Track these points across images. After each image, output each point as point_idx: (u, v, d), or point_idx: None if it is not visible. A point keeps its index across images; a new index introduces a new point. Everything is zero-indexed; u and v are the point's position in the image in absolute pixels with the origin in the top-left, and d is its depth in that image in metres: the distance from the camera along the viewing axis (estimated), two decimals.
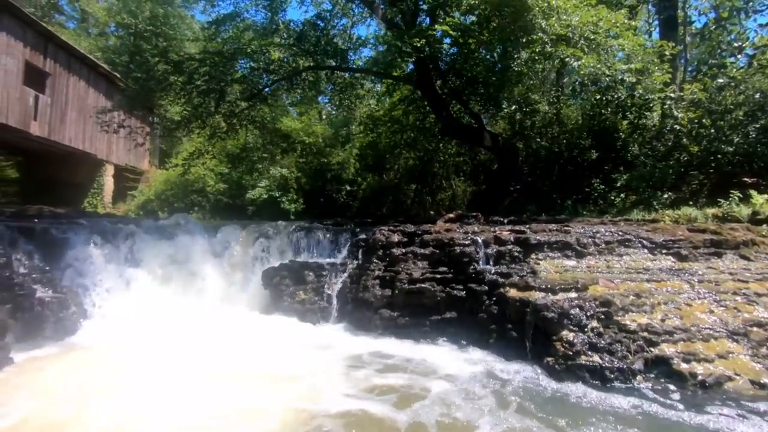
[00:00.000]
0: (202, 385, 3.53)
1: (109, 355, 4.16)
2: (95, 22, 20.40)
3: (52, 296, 4.69)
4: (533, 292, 4.48)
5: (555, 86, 13.40)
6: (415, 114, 13.12)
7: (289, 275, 5.84)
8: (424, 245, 5.48)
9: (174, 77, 10.32)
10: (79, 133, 14.77)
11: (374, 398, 3.38)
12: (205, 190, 14.58)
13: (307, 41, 11.11)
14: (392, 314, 5.05)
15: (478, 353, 4.43)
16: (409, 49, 8.73)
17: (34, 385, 3.40)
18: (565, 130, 12.35)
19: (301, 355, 4.36)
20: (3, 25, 11.80)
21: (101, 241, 6.04)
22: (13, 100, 12.25)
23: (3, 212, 6.53)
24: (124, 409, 3.05)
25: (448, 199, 14.82)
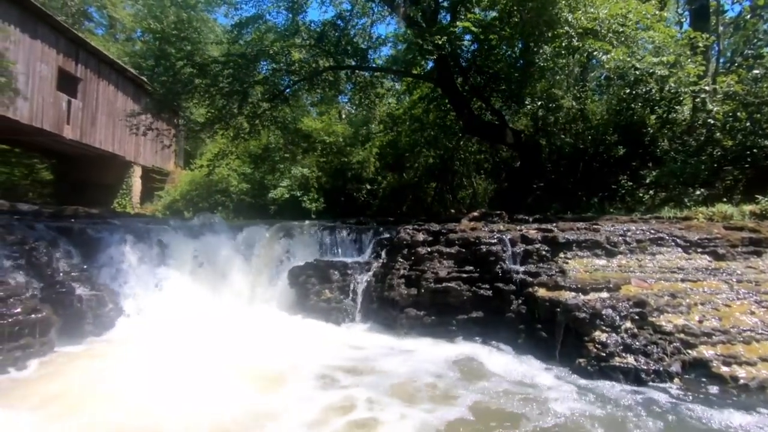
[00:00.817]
0: (235, 381, 3.61)
1: (145, 351, 4.28)
2: (122, 27, 21.06)
3: (90, 294, 4.86)
4: (563, 292, 4.40)
5: (579, 81, 13.10)
6: (436, 112, 13.04)
7: (314, 274, 5.89)
8: (450, 244, 5.45)
9: (199, 80, 10.56)
10: (108, 136, 15.27)
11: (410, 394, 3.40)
12: (228, 190, 14.88)
13: (328, 41, 11.19)
14: (418, 313, 5.05)
15: (507, 354, 4.38)
16: (431, 47, 8.68)
17: (80, 379, 3.54)
18: (590, 125, 12.06)
19: (332, 353, 4.40)
20: (38, 34, 12.30)
21: (134, 240, 6.22)
22: (47, 105, 12.76)
23: (42, 213, 6.81)
24: (164, 403, 3.15)
25: (468, 197, 14.70)
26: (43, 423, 2.79)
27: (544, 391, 3.51)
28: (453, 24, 9.11)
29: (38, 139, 13.84)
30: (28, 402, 3.06)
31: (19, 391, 3.24)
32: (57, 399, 3.13)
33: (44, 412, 2.91)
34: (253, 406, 3.13)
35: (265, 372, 3.84)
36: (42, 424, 2.77)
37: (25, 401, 3.07)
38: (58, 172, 16.76)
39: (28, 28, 11.98)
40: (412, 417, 3.02)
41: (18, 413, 2.87)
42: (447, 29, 8.73)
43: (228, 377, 3.69)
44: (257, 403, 3.19)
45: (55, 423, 2.80)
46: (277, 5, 11.15)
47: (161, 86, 10.35)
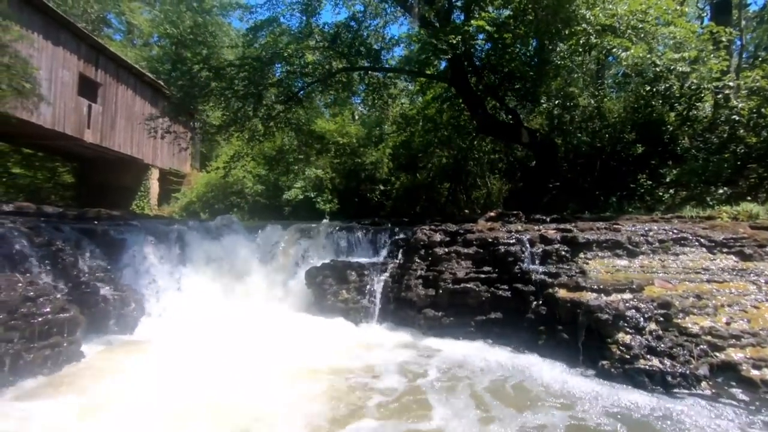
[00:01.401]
0: (271, 379, 3.67)
1: (171, 350, 4.37)
2: (140, 33, 21.52)
3: (114, 294, 4.97)
4: (584, 293, 4.34)
5: (595, 79, 12.90)
6: (449, 112, 12.99)
7: (331, 274, 5.92)
8: (467, 244, 5.42)
9: (215, 83, 10.71)
10: (127, 140, 15.60)
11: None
12: (243, 191, 15.05)
13: (342, 43, 11.24)
14: (436, 314, 5.03)
15: (528, 355, 4.34)
16: (445, 47, 8.65)
17: (108, 375, 3.63)
18: (607, 124, 11.86)
19: (354, 352, 4.43)
20: (60, 41, 12.63)
21: (155, 241, 6.34)
22: (69, 109, 13.08)
23: (66, 215, 6.97)
24: (199, 397, 3.23)
25: (482, 197, 14.59)
26: (84, 421, 2.86)
27: (568, 393, 3.46)
28: (467, 23, 9.06)
29: (60, 143, 14.20)
30: (65, 399, 3.14)
31: (53, 389, 3.33)
32: (91, 396, 3.21)
33: (82, 411, 2.99)
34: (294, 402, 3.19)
35: (297, 369, 3.89)
36: (82, 422, 2.84)
37: (60, 399, 3.15)
38: (79, 175, 17.18)
39: (51, 35, 12.31)
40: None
41: (58, 410, 2.95)
42: (461, 29, 8.69)
43: (262, 375, 3.76)
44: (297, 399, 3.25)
45: (95, 420, 2.87)
46: (291, 8, 11.25)
47: (179, 90, 10.53)
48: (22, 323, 3.50)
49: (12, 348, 3.42)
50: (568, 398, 3.40)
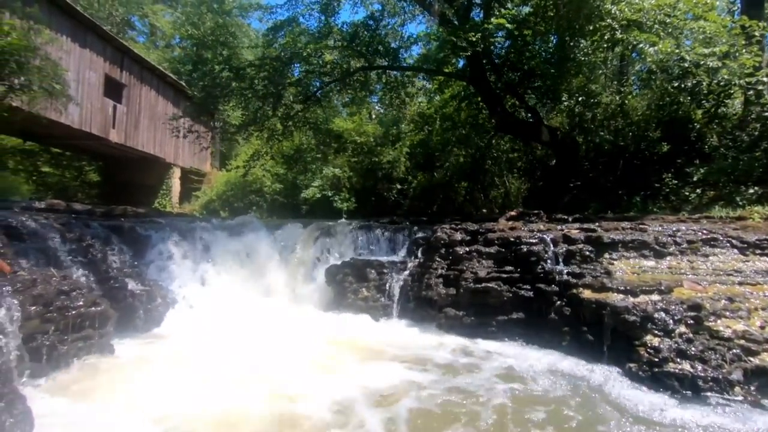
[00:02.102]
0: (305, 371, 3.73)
1: (196, 343, 4.47)
2: (162, 35, 22.02)
3: (141, 289, 5.10)
4: (610, 294, 4.25)
5: (618, 75, 12.61)
6: (468, 110, 12.89)
7: (351, 273, 5.95)
8: (489, 244, 5.37)
9: (236, 83, 10.88)
10: (150, 139, 15.97)
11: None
12: (262, 190, 15.25)
13: (360, 42, 11.26)
14: (457, 313, 5.00)
15: (553, 356, 4.27)
16: (464, 45, 8.58)
17: (138, 367, 3.73)
18: (631, 122, 11.58)
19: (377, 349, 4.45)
20: (87, 43, 13.01)
21: (179, 238, 6.48)
22: (95, 110, 13.47)
23: (94, 212, 7.19)
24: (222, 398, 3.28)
25: (501, 196, 14.44)
26: (121, 411, 2.95)
27: (596, 395, 3.40)
28: (487, 21, 8.97)
29: (87, 143, 14.63)
30: (99, 390, 3.25)
31: (87, 380, 3.44)
32: (123, 387, 3.31)
33: (119, 401, 3.09)
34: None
35: (327, 363, 3.94)
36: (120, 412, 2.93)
37: (94, 390, 3.26)
38: (105, 174, 17.68)
39: (78, 37, 12.69)
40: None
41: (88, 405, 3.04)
42: (481, 26, 8.61)
43: (294, 368, 3.83)
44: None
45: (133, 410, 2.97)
46: (310, 8, 11.33)
47: (200, 90, 10.73)
48: (57, 316, 3.63)
49: (48, 339, 3.54)
50: (592, 397, 3.34)
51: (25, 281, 3.42)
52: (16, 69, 8.52)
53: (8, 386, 2.63)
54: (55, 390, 3.23)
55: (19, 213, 5.38)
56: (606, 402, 3.31)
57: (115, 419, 2.82)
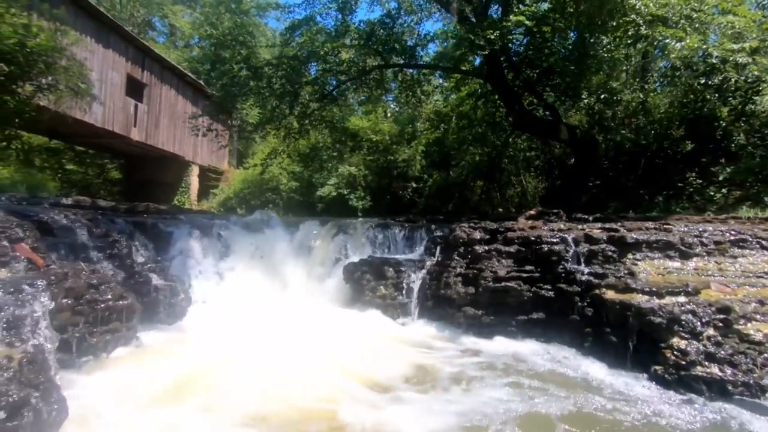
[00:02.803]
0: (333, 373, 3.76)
1: (219, 337, 4.54)
2: (181, 35, 22.41)
3: (164, 284, 5.20)
4: (635, 295, 4.17)
5: (640, 72, 12.34)
6: (484, 108, 12.78)
7: (369, 270, 5.96)
8: (508, 243, 5.32)
9: (254, 82, 10.99)
10: (170, 137, 16.28)
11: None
12: (278, 188, 15.39)
13: (377, 40, 11.26)
14: (476, 312, 4.97)
15: (575, 357, 4.22)
16: (482, 42, 8.50)
17: (163, 359, 3.82)
18: (653, 119, 11.34)
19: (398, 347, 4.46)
20: (110, 43, 13.32)
21: (200, 234, 6.60)
22: (117, 109, 13.79)
23: (118, 209, 7.36)
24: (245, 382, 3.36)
25: (517, 195, 14.29)
26: (151, 401, 3.03)
27: (621, 397, 3.34)
28: (505, 18, 8.88)
29: (109, 141, 14.99)
30: (127, 381, 3.33)
31: (117, 373, 3.53)
32: (155, 377, 3.40)
33: (148, 391, 3.17)
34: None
35: (349, 361, 3.98)
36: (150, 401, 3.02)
37: (122, 380, 3.34)
38: (126, 172, 18.09)
39: (102, 38, 13.00)
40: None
41: (117, 394, 3.13)
42: (499, 23, 8.52)
43: (306, 360, 3.87)
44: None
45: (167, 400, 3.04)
46: (327, 7, 11.37)
47: (220, 89, 10.87)
48: (87, 309, 3.73)
49: (78, 331, 3.65)
50: (617, 400, 3.28)
51: (58, 275, 3.53)
52: (44, 69, 8.77)
53: (44, 375, 2.73)
54: (86, 380, 3.32)
55: (49, 209, 5.54)
56: (631, 405, 3.25)
57: (145, 408, 2.89)
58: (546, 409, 3.09)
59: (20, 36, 8.08)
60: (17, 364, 2.66)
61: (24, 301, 2.99)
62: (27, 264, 3.55)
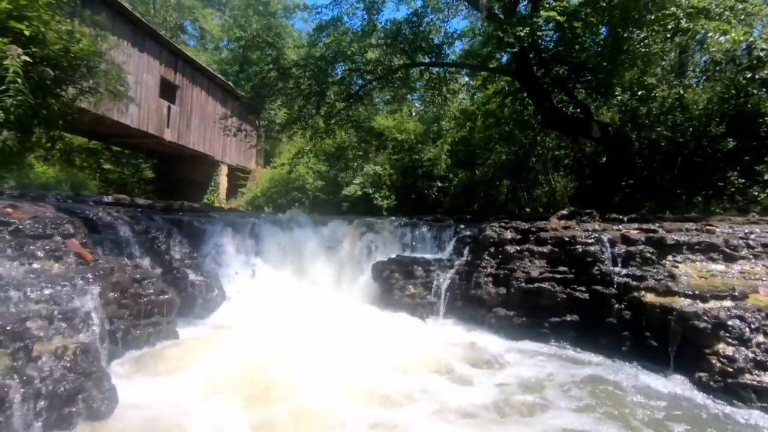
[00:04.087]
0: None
1: (253, 332, 4.67)
2: (211, 38, 23.04)
3: (200, 279, 5.37)
4: (677, 298, 4.02)
5: (677, 67, 11.85)
6: (512, 107, 12.57)
7: (398, 270, 5.98)
8: (541, 243, 5.23)
9: (282, 83, 11.19)
10: (200, 138, 16.76)
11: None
12: (304, 187, 15.61)
13: (403, 39, 11.25)
14: (508, 313, 4.91)
15: (614, 361, 4.11)
16: (512, 39, 8.37)
17: (203, 352, 3.96)
18: (691, 116, 10.87)
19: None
20: (146, 48, 13.82)
21: (232, 232, 6.77)
22: (152, 111, 14.30)
23: (155, 206, 7.64)
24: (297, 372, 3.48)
25: (545, 195, 14.00)
26: (195, 390, 3.16)
27: (663, 404, 3.24)
28: (535, 14, 8.70)
29: (144, 142, 15.56)
30: (170, 372, 3.47)
31: (160, 364, 3.67)
32: (197, 368, 3.53)
33: (191, 380, 3.30)
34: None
35: (390, 359, 4.01)
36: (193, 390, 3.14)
37: (166, 371, 3.48)
38: (159, 171, 18.76)
39: (137, 42, 13.51)
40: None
41: (162, 384, 3.26)
42: (529, 19, 8.36)
43: (333, 356, 3.92)
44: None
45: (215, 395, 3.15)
46: (354, 7, 11.44)
47: (250, 90, 11.11)
48: (131, 302, 3.90)
49: (123, 324, 3.81)
50: (659, 406, 3.18)
51: (105, 269, 3.70)
52: (85, 73, 9.17)
53: (96, 365, 2.87)
54: (132, 370, 3.48)
55: (93, 206, 5.80)
56: (676, 411, 3.14)
57: (190, 397, 3.00)
58: (592, 417, 3.00)
59: (65, 42, 8.48)
60: (72, 353, 2.81)
61: (76, 294, 3.15)
62: (77, 259, 3.74)
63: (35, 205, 4.29)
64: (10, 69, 7.26)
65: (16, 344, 2.50)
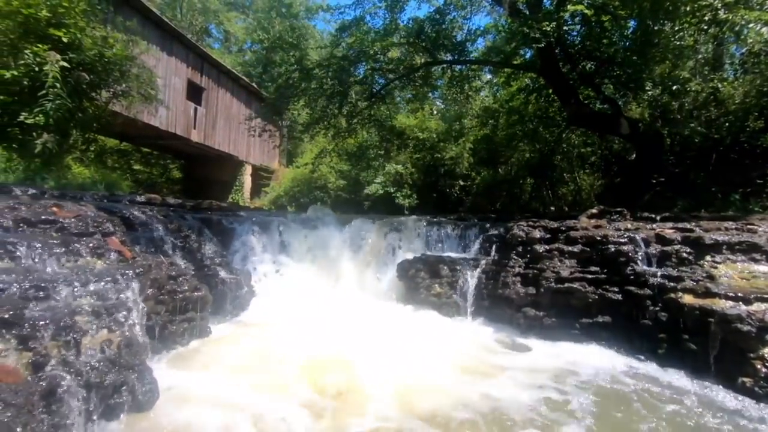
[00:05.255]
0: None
1: (282, 329, 4.75)
2: (235, 40, 23.52)
3: (230, 277, 5.49)
4: (717, 300, 3.87)
5: (712, 60, 11.39)
6: (536, 103, 12.35)
7: (423, 268, 5.97)
8: (571, 242, 5.12)
9: (305, 83, 11.31)
10: (225, 138, 17.13)
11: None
12: (326, 186, 15.76)
13: (426, 38, 11.21)
14: (537, 313, 4.84)
15: (650, 364, 4.00)
16: (538, 35, 8.22)
17: (235, 347, 4.06)
18: (726, 111, 10.43)
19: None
20: (173, 51, 14.21)
21: (259, 230, 6.89)
22: (179, 112, 14.70)
23: (184, 205, 7.85)
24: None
25: (571, 193, 13.70)
26: (232, 383, 3.24)
27: (704, 410, 3.13)
28: (562, 8, 8.52)
29: (171, 143, 16.02)
30: (206, 366, 3.57)
31: (197, 358, 3.79)
32: (232, 363, 3.63)
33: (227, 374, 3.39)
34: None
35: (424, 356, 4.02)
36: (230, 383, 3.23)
37: (203, 365, 3.59)
38: (186, 171, 19.27)
39: (166, 46, 13.91)
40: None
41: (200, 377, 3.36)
42: (555, 14, 8.20)
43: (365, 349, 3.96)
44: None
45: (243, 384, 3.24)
46: (376, 6, 11.46)
47: (274, 91, 11.27)
48: (168, 298, 4.02)
49: (160, 319, 3.94)
50: (701, 412, 3.07)
51: (144, 266, 3.83)
52: (118, 77, 9.52)
53: (139, 358, 2.98)
54: (170, 365, 3.59)
55: (128, 205, 6.01)
56: (718, 415, 3.03)
57: (227, 390, 3.08)
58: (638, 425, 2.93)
59: (99, 47, 8.83)
60: (116, 347, 2.92)
61: (119, 290, 3.28)
62: (117, 256, 3.88)
63: (77, 204, 4.47)
64: (49, 74, 7.62)
65: (67, 337, 2.62)
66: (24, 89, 7.64)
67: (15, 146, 7.68)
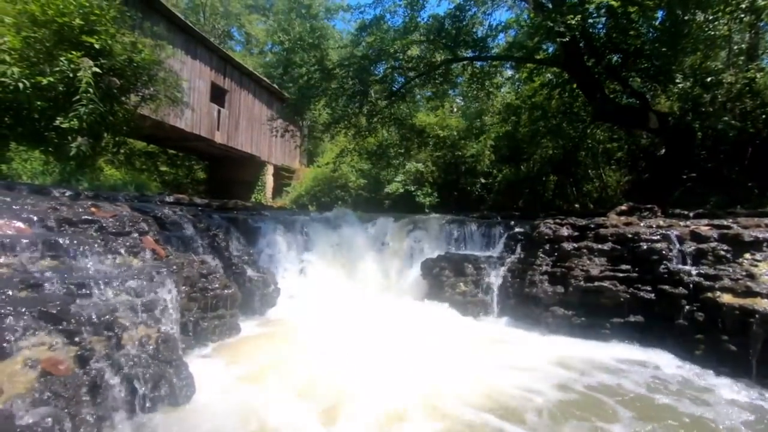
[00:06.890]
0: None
1: (309, 326, 4.83)
2: (256, 42, 23.91)
3: (257, 275, 5.60)
4: (759, 300, 3.72)
5: (746, 50, 10.91)
6: (560, 99, 12.10)
7: (448, 267, 5.94)
8: (600, 240, 5.00)
9: (326, 83, 11.40)
10: (247, 139, 17.44)
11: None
12: (347, 185, 15.85)
13: (446, 35, 11.12)
14: (566, 313, 4.75)
15: (689, 366, 3.87)
16: (562, 29, 8.05)
17: (269, 344, 4.13)
18: (763, 102, 9.98)
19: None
20: (197, 55, 14.54)
21: (284, 230, 6.99)
22: (203, 114, 15.03)
23: (211, 205, 8.04)
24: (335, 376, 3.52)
25: (596, 190, 13.38)
26: (264, 378, 3.31)
27: (747, 416, 3.01)
28: (587, 0, 8.31)
29: (196, 144, 16.41)
30: (238, 361, 3.66)
31: (229, 354, 3.88)
32: (262, 358, 3.71)
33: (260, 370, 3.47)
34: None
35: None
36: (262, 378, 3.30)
37: (235, 361, 3.67)
38: (210, 172, 19.71)
39: (190, 50, 14.24)
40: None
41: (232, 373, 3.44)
42: (580, 6, 8.01)
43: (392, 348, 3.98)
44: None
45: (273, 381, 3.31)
46: (396, 5, 11.43)
47: (296, 92, 11.40)
48: (200, 296, 4.14)
49: (192, 316, 4.06)
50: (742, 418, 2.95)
51: (177, 264, 3.94)
52: (147, 81, 9.81)
53: (176, 354, 3.07)
54: (204, 360, 3.69)
55: (159, 205, 6.20)
56: (762, 423, 2.91)
57: (259, 389, 3.14)
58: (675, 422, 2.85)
59: (128, 53, 9.12)
60: (154, 342, 3.02)
61: (155, 287, 3.39)
62: (152, 254, 4.01)
63: (113, 204, 4.64)
64: (83, 80, 7.91)
65: (109, 332, 2.73)
66: (59, 95, 7.96)
67: (51, 150, 8.01)
